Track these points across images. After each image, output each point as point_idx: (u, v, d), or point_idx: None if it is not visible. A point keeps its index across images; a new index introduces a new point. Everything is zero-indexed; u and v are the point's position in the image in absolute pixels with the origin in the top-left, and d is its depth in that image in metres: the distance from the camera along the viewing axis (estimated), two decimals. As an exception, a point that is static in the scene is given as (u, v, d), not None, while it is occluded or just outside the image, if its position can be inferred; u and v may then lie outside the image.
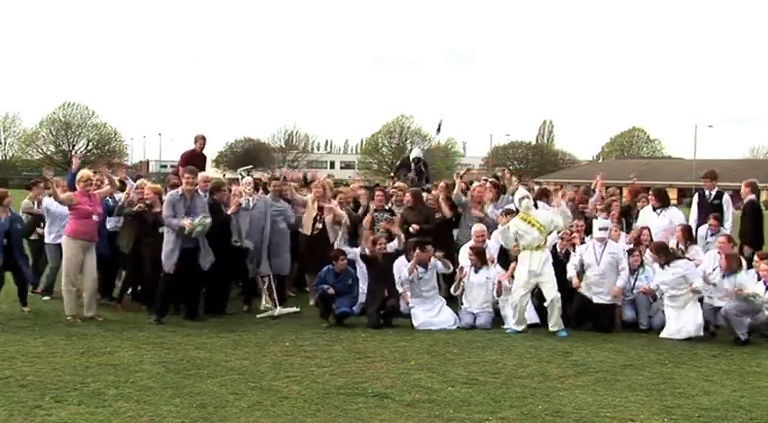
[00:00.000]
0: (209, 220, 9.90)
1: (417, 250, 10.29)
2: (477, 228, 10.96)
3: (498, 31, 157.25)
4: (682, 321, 9.51)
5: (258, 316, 10.50)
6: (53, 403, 6.42)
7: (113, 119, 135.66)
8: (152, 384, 7.03)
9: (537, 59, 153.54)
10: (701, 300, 9.71)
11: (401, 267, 10.40)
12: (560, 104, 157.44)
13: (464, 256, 10.63)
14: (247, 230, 10.66)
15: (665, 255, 9.81)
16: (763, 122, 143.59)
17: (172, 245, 9.84)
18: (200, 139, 13.62)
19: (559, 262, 10.27)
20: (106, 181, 10.85)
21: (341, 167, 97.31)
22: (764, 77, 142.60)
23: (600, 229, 10.15)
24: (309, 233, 11.32)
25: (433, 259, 10.46)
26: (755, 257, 10.16)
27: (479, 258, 10.34)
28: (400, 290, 10.35)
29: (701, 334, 9.48)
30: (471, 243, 10.71)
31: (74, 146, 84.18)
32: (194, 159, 12.99)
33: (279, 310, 10.56)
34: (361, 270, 10.83)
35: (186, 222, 9.71)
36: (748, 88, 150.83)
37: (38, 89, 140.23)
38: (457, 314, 10.30)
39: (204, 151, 13.83)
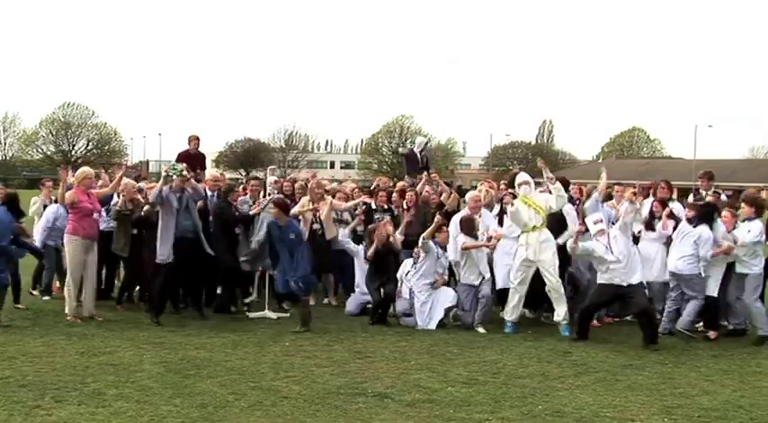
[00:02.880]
0: (181, 166, 10.12)
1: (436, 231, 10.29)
2: (472, 193, 10.89)
3: (498, 31, 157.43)
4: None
5: (250, 315, 10.53)
6: (53, 403, 6.42)
7: (113, 119, 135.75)
8: (152, 384, 7.03)
9: (537, 60, 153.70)
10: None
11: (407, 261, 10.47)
12: (560, 104, 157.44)
13: (454, 225, 10.46)
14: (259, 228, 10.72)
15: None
16: (763, 122, 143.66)
17: (166, 231, 9.79)
18: (194, 140, 13.73)
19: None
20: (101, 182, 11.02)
21: (341, 167, 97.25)
22: (764, 77, 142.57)
23: (594, 224, 9.60)
24: (306, 235, 11.30)
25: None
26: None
27: (468, 227, 10.26)
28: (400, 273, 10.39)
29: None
30: (465, 212, 10.65)
31: (74, 146, 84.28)
32: (190, 160, 13.04)
33: (267, 312, 10.56)
34: (360, 265, 10.84)
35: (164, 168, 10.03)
36: (748, 88, 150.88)
37: (38, 89, 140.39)
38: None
39: (201, 150, 13.90)
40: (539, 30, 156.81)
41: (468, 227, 10.26)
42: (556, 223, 10.13)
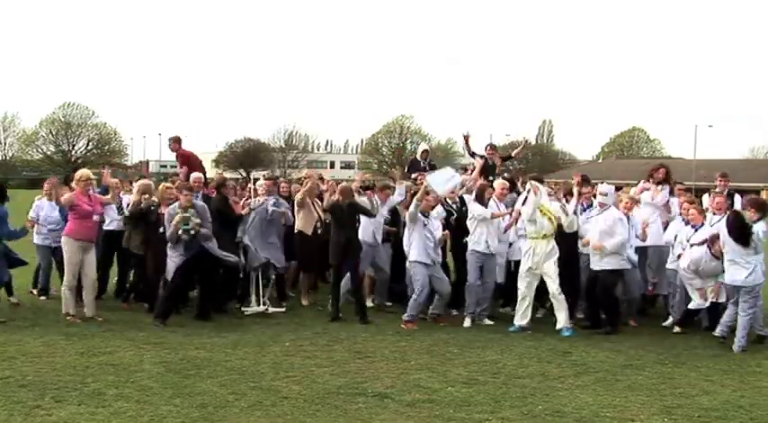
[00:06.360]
0: (192, 218, 9.73)
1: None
2: (501, 181, 11.10)
3: (498, 31, 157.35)
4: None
5: (245, 310, 10.55)
6: (53, 403, 6.42)
7: (113, 119, 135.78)
8: (152, 384, 7.03)
9: (537, 60, 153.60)
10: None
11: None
12: (560, 104, 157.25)
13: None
14: (248, 228, 10.71)
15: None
16: (763, 122, 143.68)
17: (177, 258, 9.80)
18: (175, 142, 13.22)
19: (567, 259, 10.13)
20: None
21: (341, 167, 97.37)
22: (764, 77, 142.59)
23: (600, 194, 10.07)
24: (310, 232, 11.28)
25: (438, 209, 10.45)
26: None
27: (480, 196, 10.32)
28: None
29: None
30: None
31: (74, 146, 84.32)
32: (196, 161, 13.07)
33: (261, 308, 10.57)
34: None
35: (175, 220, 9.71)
36: (748, 88, 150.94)
37: (38, 89, 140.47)
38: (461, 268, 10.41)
39: (194, 150, 13.78)
40: (539, 30, 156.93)
41: (480, 196, 10.34)
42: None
